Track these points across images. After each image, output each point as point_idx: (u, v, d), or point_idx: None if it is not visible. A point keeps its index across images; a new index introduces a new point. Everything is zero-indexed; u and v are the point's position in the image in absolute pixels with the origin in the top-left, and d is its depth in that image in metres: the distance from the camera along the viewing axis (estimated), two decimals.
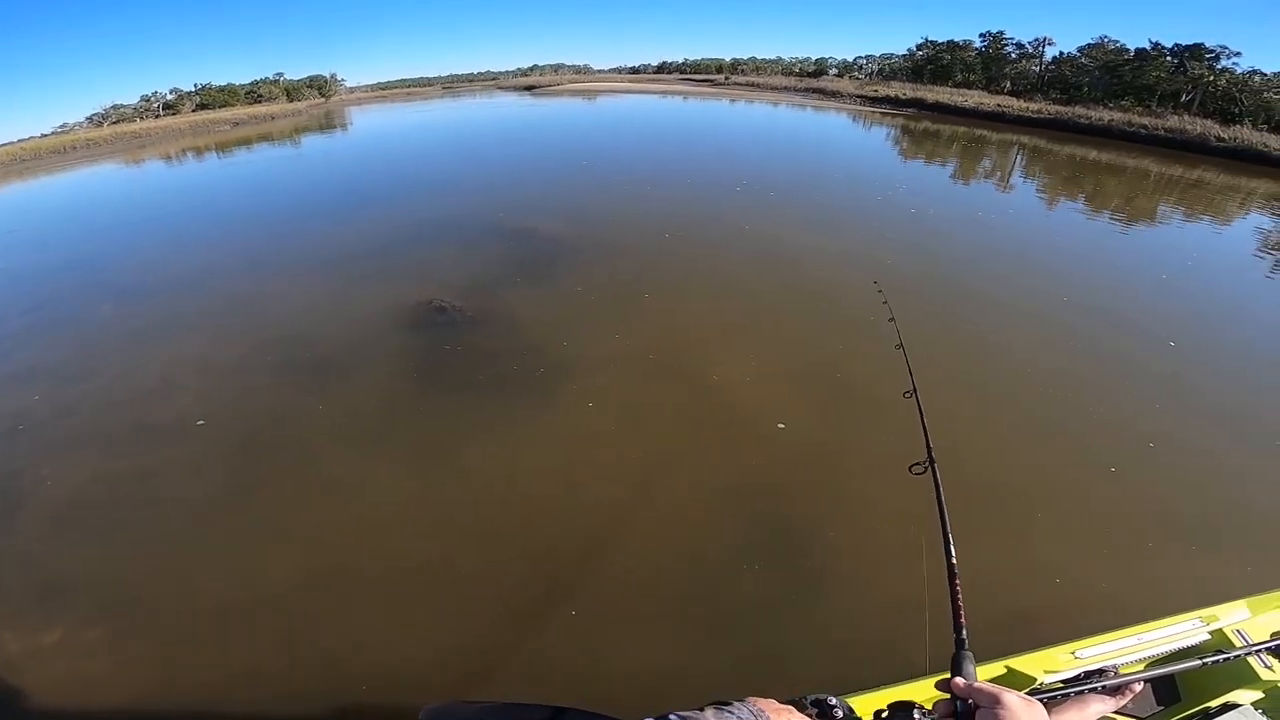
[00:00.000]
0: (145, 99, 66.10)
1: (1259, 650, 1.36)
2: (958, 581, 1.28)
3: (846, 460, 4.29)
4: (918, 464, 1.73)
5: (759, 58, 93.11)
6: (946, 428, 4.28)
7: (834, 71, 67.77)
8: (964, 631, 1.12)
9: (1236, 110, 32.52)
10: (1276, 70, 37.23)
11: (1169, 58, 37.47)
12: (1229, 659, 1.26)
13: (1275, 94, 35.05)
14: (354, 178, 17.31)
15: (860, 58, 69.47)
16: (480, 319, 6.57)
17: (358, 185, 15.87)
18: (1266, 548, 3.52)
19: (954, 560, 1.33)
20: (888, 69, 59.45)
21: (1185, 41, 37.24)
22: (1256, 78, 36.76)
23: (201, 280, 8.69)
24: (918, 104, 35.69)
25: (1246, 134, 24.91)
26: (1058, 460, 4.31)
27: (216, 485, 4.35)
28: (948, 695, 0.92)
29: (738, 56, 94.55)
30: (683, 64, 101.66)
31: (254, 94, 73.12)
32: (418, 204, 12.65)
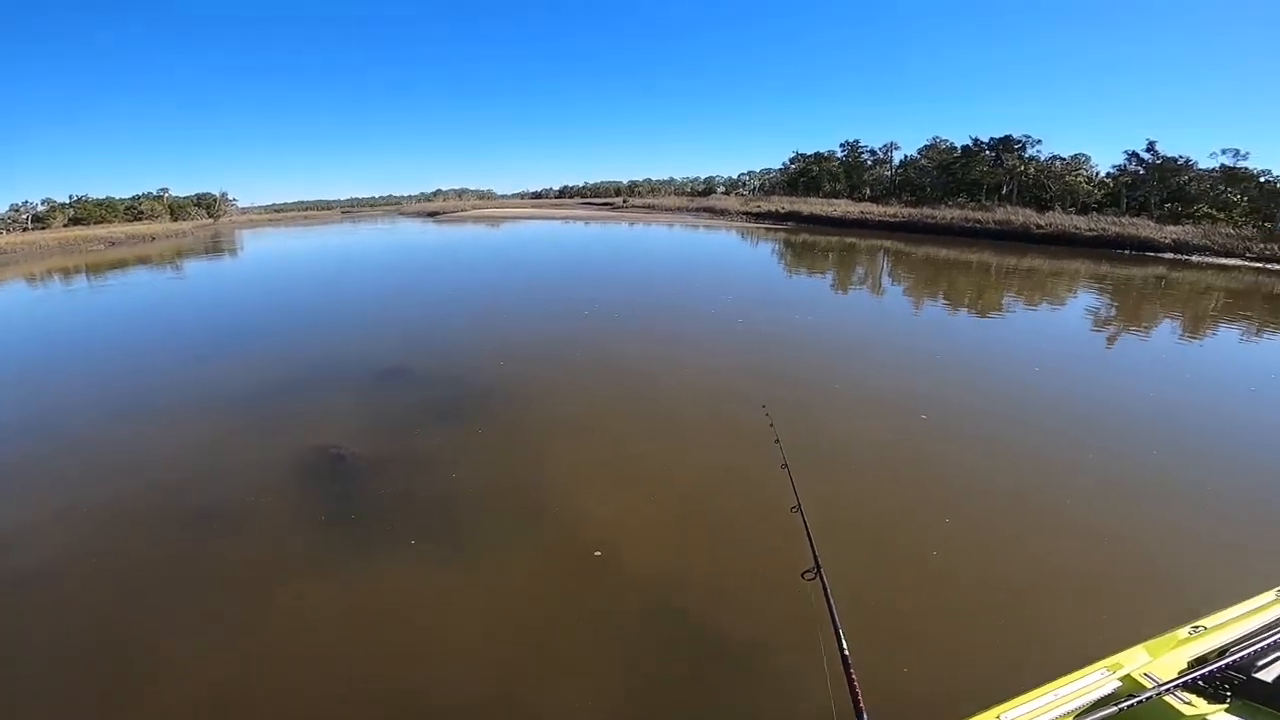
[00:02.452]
0: (14, 209, 61.18)
1: (1172, 688, 1.44)
2: (853, 670, 1.50)
3: (733, 566, 4.47)
4: (808, 571, 1.95)
5: (654, 179, 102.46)
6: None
7: (721, 189, 75.75)
8: (864, 715, 1.35)
9: (1047, 196, 39.05)
10: (1073, 153, 45.32)
11: (988, 151, 44.78)
12: (1146, 700, 1.35)
13: (1074, 177, 42.54)
14: (236, 310, 16.68)
15: (743, 174, 78.47)
16: (378, 464, 6.25)
17: (240, 318, 15.17)
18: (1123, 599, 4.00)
19: (847, 652, 1.57)
20: (768, 184, 67.31)
21: (997, 134, 44.61)
22: (1057, 163, 44.37)
23: (59, 424, 7.87)
24: (795, 216, 40.37)
25: (1059, 219, 29.89)
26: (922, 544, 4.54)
27: (83, 639, 4.03)
28: None
29: (634, 178, 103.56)
30: (583, 187, 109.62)
31: (134, 210, 68.74)
32: (304, 340, 12.08)
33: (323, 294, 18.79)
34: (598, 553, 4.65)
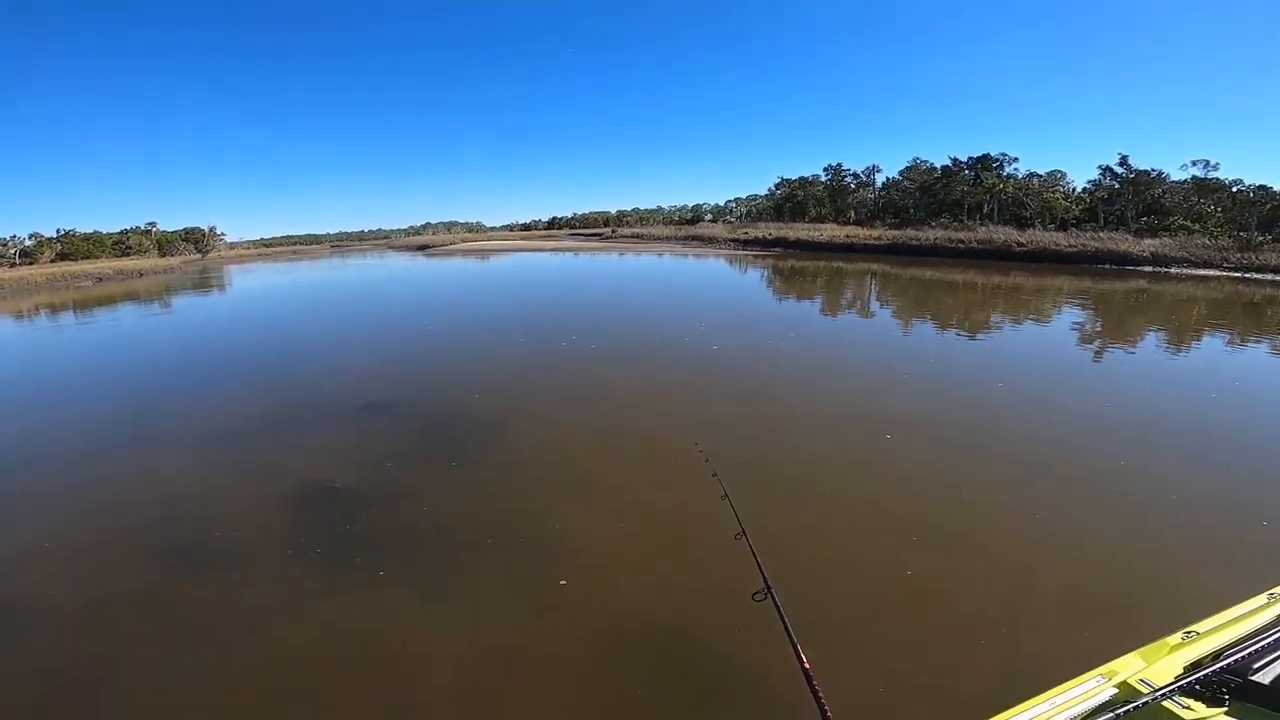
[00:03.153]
0: (1, 243, 62.38)
1: (1170, 693, 1.46)
2: (817, 682, 1.53)
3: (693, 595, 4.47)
4: (758, 592, 2.00)
5: (642, 208, 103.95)
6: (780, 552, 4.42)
7: (709, 217, 76.94)
8: None
9: (1027, 214, 39.95)
10: (1049, 170, 46.40)
11: (966, 170, 45.81)
12: (1144, 705, 1.36)
13: (1052, 193, 43.55)
14: (222, 345, 16.64)
15: (730, 201, 79.76)
16: (392, 499, 6.29)
17: (225, 354, 15.07)
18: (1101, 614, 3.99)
19: (807, 665, 1.59)
20: (754, 210, 68.42)
21: (975, 154, 45.66)
22: (1035, 180, 45.47)
23: (41, 459, 7.89)
24: (782, 242, 40.97)
25: (1040, 237, 30.51)
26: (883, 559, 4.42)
27: (55, 674, 3.99)
28: None
29: (623, 208, 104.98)
30: (572, 218, 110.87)
31: (122, 244, 69.33)
32: (289, 376, 12.13)
33: (309, 329, 18.87)
34: (563, 581, 4.71)
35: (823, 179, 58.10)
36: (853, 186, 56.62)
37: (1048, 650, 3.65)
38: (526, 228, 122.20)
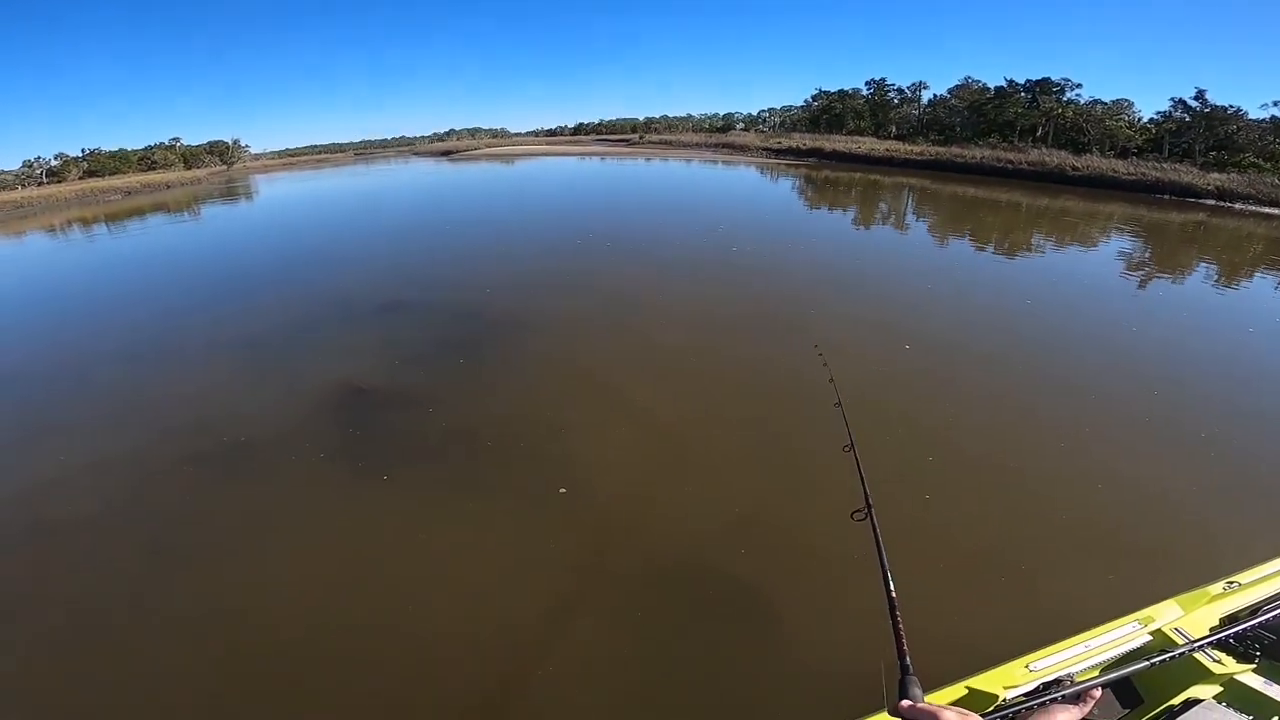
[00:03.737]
0: (28, 164, 61.19)
1: (1202, 646, 1.45)
2: (899, 613, 1.43)
3: (790, 513, 4.35)
4: (858, 511, 1.90)
5: (671, 116, 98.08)
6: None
7: (741, 126, 72.54)
8: (907, 658, 1.26)
9: (1085, 140, 37.05)
10: (1115, 98, 42.71)
11: (1023, 93, 42.23)
12: (1176, 656, 1.36)
13: (1115, 121, 40.22)
14: (252, 252, 16.65)
15: (764, 111, 74.78)
16: (400, 399, 6.29)
17: (255, 261, 15.12)
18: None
19: (894, 595, 1.49)
20: (789, 121, 64.26)
21: (1035, 77, 42.03)
22: (1098, 107, 41.90)
23: (84, 368, 8.05)
24: (817, 153, 38.65)
25: (1096, 162, 28.42)
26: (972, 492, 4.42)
27: (120, 584, 4.08)
28: None
29: (650, 115, 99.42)
30: (598, 125, 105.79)
31: (148, 160, 68.42)
32: (319, 280, 12.18)
33: (332, 232, 18.77)
34: (562, 490, 4.62)
35: (864, 93, 54.00)
36: (896, 102, 52.58)
37: (1101, 586, 3.50)
38: (552, 133, 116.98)
